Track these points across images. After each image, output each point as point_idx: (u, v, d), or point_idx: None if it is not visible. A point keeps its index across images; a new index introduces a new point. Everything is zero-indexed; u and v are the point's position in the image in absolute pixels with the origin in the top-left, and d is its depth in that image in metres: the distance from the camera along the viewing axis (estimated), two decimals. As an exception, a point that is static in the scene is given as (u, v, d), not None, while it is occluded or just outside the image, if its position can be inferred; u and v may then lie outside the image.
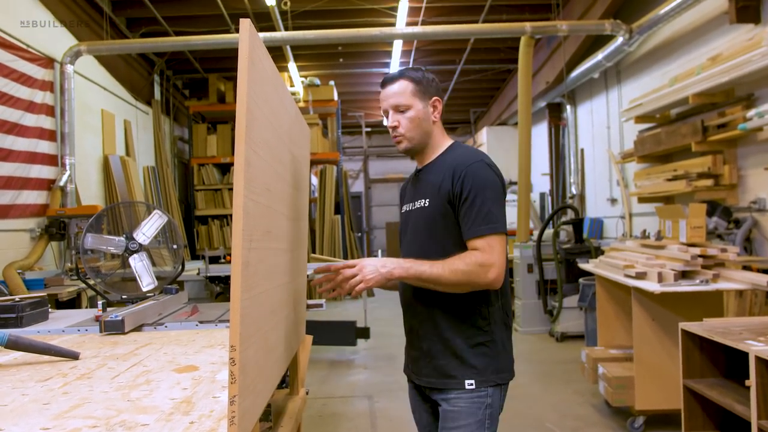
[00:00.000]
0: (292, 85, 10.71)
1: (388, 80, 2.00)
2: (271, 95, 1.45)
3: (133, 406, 1.38)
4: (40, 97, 6.30)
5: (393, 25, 8.34)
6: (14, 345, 1.86)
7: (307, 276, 2.72)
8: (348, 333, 6.48)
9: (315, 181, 11.29)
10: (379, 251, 10.91)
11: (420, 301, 1.96)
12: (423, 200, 1.97)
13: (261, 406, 1.33)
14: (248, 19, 1.19)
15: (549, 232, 7.57)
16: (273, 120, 1.47)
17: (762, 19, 5.03)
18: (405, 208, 2.09)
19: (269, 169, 1.43)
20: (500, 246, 1.84)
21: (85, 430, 1.23)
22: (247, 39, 1.18)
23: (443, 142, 2.04)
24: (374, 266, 1.80)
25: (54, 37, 6.71)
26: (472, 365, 1.91)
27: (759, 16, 5.05)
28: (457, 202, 1.88)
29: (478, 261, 1.80)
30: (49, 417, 1.31)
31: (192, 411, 1.34)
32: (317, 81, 11.33)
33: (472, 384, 1.89)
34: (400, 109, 1.96)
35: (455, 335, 1.91)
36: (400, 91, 1.96)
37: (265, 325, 1.35)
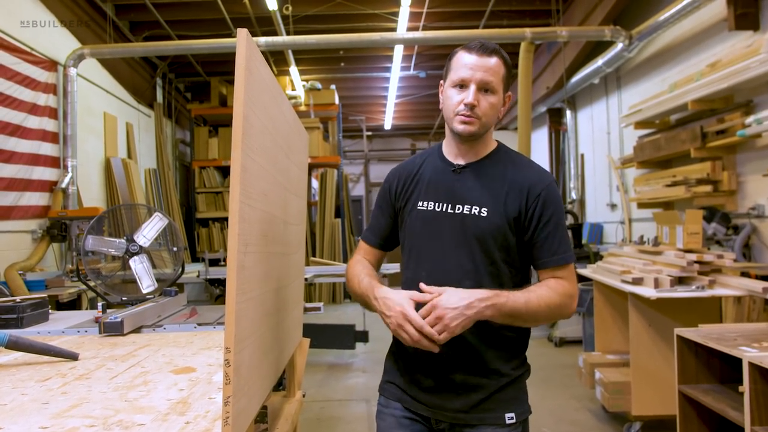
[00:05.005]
0: (293, 89, 10.73)
1: (485, 50, 1.71)
2: (269, 102, 1.48)
3: (130, 406, 1.41)
4: (43, 99, 6.33)
5: (394, 30, 8.37)
6: (14, 345, 1.89)
7: (306, 279, 2.73)
8: (347, 336, 6.51)
9: (316, 184, 11.32)
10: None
11: None
12: (475, 207, 1.72)
13: (256, 408, 1.36)
14: (245, 29, 1.22)
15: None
16: (270, 126, 1.49)
17: (761, 26, 5.04)
18: (427, 205, 1.79)
19: (266, 174, 1.45)
20: (575, 275, 1.75)
21: (83, 429, 1.25)
22: (244, 48, 1.21)
23: (491, 141, 1.84)
24: (458, 309, 1.54)
25: (57, 41, 6.74)
26: (514, 397, 1.75)
27: (758, 23, 5.06)
28: (531, 224, 1.71)
29: (568, 292, 1.68)
30: (47, 416, 1.34)
31: (188, 411, 1.36)
32: (318, 85, 11.36)
33: (512, 418, 1.72)
34: (485, 88, 1.70)
35: (503, 365, 1.74)
36: (496, 69, 1.71)
37: (260, 328, 1.37)
